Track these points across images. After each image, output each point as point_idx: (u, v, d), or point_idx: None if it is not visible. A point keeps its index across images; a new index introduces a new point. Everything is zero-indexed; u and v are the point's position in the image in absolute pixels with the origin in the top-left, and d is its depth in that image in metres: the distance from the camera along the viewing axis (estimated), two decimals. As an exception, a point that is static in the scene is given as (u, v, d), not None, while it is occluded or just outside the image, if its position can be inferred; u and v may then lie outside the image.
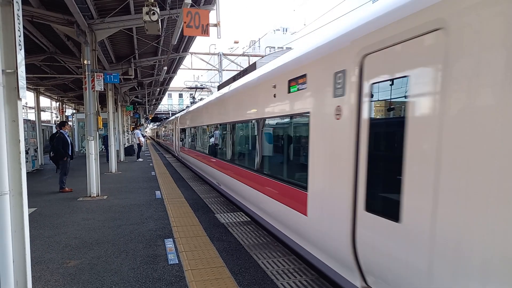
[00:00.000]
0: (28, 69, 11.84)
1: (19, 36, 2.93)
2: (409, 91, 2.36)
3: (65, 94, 20.55)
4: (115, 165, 13.15)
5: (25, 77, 3.08)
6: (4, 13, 2.85)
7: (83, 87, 8.26)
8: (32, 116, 24.24)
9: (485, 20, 1.84)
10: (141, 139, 19.58)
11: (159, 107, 49.61)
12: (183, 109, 22.70)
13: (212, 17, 6.25)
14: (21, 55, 2.94)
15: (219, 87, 9.99)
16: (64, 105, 23.91)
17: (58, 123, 11.64)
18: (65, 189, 8.83)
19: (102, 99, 14.15)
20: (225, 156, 7.66)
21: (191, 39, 12.85)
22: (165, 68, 14.18)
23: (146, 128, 58.90)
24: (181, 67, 18.67)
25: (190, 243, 4.75)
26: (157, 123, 51.47)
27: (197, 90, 25.27)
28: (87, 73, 8.17)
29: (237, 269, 3.87)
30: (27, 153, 12.28)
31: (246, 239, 4.89)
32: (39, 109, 17.21)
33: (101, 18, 8.43)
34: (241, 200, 6.62)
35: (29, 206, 3.57)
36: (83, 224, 5.82)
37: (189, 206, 7.03)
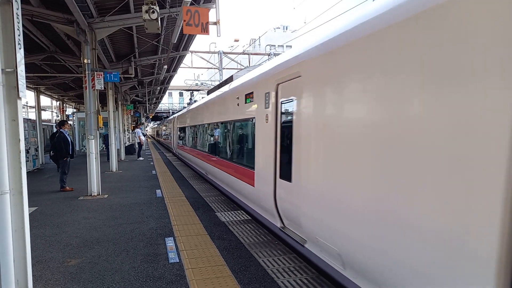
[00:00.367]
0: (28, 68, 11.88)
1: (19, 35, 2.93)
2: (294, 107, 3.96)
3: (65, 93, 20.55)
4: (115, 164, 13.14)
5: (25, 76, 3.08)
6: (3, 12, 2.85)
7: (83, 86, 8.25)
8: (32, 115, 24.33)
9: (314, 74, 3.54)
10: (142, 138, 19.60)
11: (160, 106, 49.53)
12: (182, 109, 22.81)
13: (212, 15, 6.25)
14: (20, 54, 2.94)
15: (208, 92, 11.96)
16: (64, 104, 23.92)
17: (58, 122, 11.64)
18: (65, 188, 8.83)
19: (102, 98, 14.11)
20: (209, 150, 9.61)
21: (191, 37, 12.84)
22: (165, 66, 14.18)
23: (146, 127, 58.85)
24: (181, 66, 18.68)
25: (190, 241, 4.75)
26: (158, 122, 51.47)
27: (197, 90, 25.44)
28: (87, 72, 8.16)
29: (237, 267, 3.88)
30: (28, 152, 12.29)
31: (246, 237, 4.90)
32: (39, 108, 17.21)
33: (101, 17, 8.41)
34: (217, 181, 8.53)
35: (30, 205, 3.57)
36: (83, 223, 5.83)
37: (190, 204, 7.03)
